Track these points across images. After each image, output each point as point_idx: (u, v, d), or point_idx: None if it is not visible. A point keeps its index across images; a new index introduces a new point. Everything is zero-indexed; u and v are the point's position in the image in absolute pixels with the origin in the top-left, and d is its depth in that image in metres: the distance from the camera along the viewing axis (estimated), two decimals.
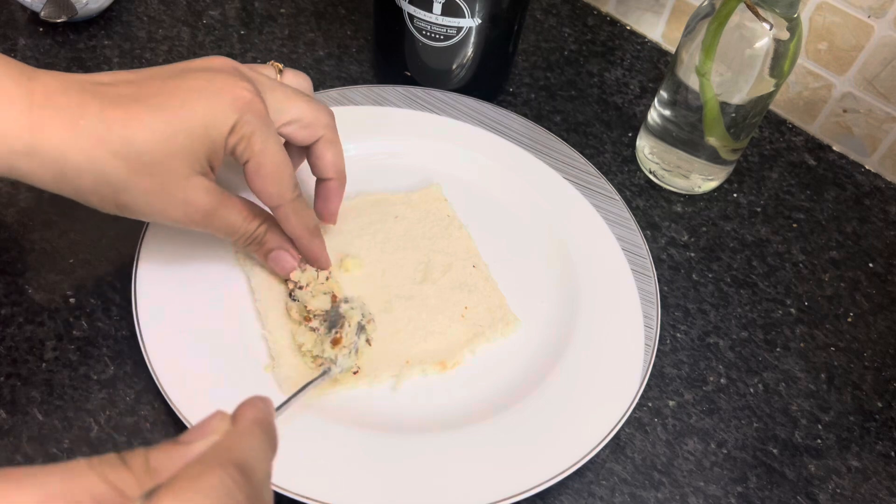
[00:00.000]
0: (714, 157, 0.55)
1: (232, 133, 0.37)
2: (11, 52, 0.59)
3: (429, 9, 0.52)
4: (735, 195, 0.59)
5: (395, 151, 0.54)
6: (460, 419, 0.43)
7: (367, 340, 0.44)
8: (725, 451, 0.46)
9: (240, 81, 0.38)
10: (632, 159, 0.60)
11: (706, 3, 0.50)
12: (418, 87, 0.58)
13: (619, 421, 0.43)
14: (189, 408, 0.40)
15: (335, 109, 0.55)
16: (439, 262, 0.49)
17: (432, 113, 0.56)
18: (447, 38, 0.54)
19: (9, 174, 0.35)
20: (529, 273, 0.50)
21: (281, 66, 0.44)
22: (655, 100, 0.56)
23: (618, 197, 0.53)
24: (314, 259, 0.45)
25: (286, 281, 0.45)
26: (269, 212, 0.43)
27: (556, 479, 0.40)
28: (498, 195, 0.54)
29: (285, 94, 0.41)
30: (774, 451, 0.46)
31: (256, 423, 0.27)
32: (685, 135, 0.55)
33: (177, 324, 0.43)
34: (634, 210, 0.56)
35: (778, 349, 0.51)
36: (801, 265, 0.56)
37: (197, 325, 0.43)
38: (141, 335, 0.42)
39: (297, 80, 0.45)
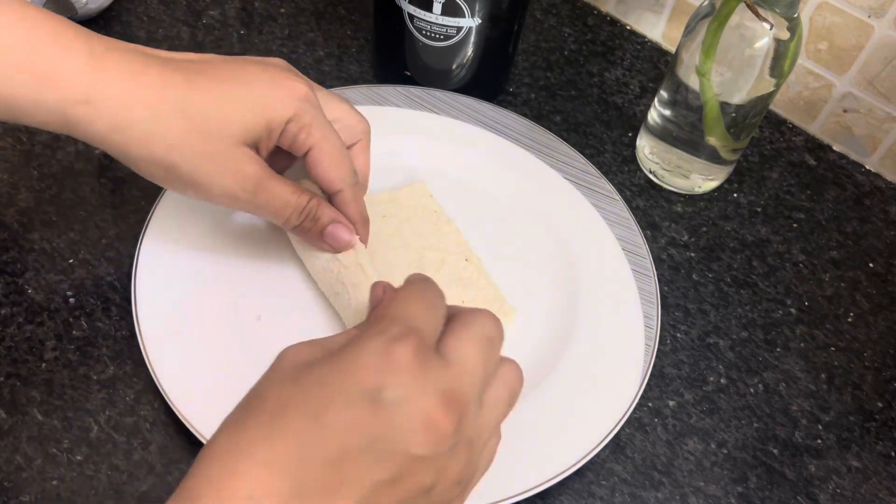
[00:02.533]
0: (714, 157, 0.55)
1: (291, 122, 0.38)
2: None
3: (429, 8, 0.52)
4: (735, 195, 0.59)
5: (391, 151, 0.54)
6: None
7: None
8: (725, 452, 0.46)
9: (295, 76, 0.39)
10: (632, 159, 0.60)
11: (706, 2, 0.50)
12: (418, 86, 0.58)
13: (619, 421, 0.43)
14: (188, 407, 0.40)
15: None
16: (432, 258, 0.48)
17: (432, 112, 0.56)
18: (447, 37, 0.54)
19: (62, 126, 0.35)
20: (529, 273, 0.50)
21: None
22: (655, 100, 0.56)
23: (618, 197, 0.53)
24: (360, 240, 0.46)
25: None
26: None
27: (556, 480, 0.40)
28: (497, 195, 0.54)
29: (331, 96, 0.43)
30: (775, 451, 0.46)
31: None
32: (685, 135, 0.55)
33: (176, 324, 0.43)
34: (634, 210, 0.56)
35: (778, 349, 0.51)
36: (801, 265, 0.56)
37: (197, 324, 0.43)
38: (140, 335, 0.42)
39: (357, 125, 0.46)
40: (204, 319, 0.44)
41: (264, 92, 0.38)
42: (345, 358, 0.29)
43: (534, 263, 0.51)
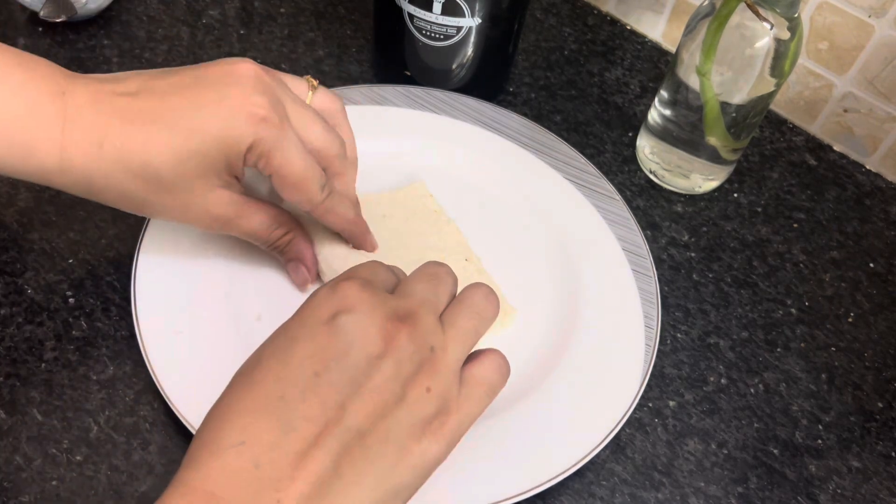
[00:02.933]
0: (714, 157, 0.55)
1: (250, 151, 0.38)
2: None
3: (429, 8, 0.52)
4: (735, 195, 0.59)
5: (391, 151, 0.54)
6: None
7: None
8: (726, 452, 0.46)
9: (253, 95, 0.38)
10: (632, 159, 0.60)
11: (706, 2, 0.50)
12: (418, 86, 0.57)
13: (619, 422, 0.43)
14: (188, 407, 0.40)
15: None
16: (432, 258, 0.48)
17: (432, 112, 0.56)
18: (447, 37, 0.54)
19: (47, 185, 0.38)
20: (529, 274, 0.50)
21: (316, 83, 0.44)
22: (656, 99, 0.56)
23: (618, 197, 0.53)
24: (360, 245, 0.47)
25: None
26: (299, 218, 0.45)
27: (556, 480, 0.40)
28: (497, 195, 0.54)
29: (304, 114, 0.41)
30: (775, 451, 0.46)
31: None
32: (685, 135, 0.55)
33: (176, 324, 0.43)
34: (635, 210, 0.56)
35: (778, 349, 0.51)
36: (801, 265, 0.56)
37: (197, 325, 0.43)
38: (140, 336, 0.42)
39: (328, 101, 0.44)
40: (204, 319, 0.44)
41: (221, 126, 0.37)
42: (300, 308, 0.32)
43: (534, 263, 0.51)
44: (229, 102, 0.38)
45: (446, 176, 0.54)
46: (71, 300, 0.46)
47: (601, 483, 0.44)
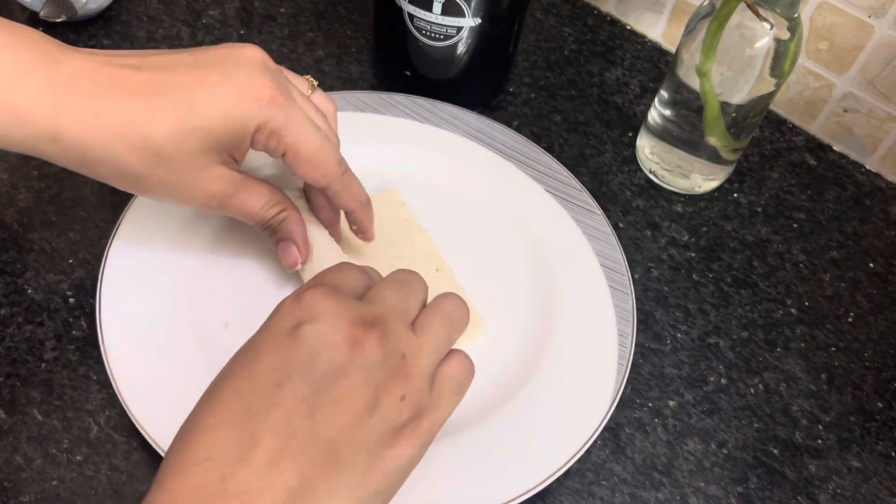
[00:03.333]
0: (714, 157, 0.55)
1: (258, 132, 0.38)
2: None
3: (429, 8, 0.52)
4: (735, 195, 0.59)
5: (372, 158, 0.53)
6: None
7: None
8: (726, 452, 0.46)
9: (260, 78, 0.38)
10: (632, 159, 0.60)
11: (706, 2, 0.50)
12: (401, 94, 0.57)
13: (587, 442, 0.42)
14: (150, 420, 0.39)
15: None
16: (403, 267, 0.47)
17: (414, 120, 0.56)
18: (447, 37, 0.54)
19: (36, 154, 0.36)
20: (506, 284, 0.49)
21: (316, 83, 0.44)
22: (656, 99, 0.56)
23: (599, 211, 0.52)
24: (362, 230, 0.46)
25: None
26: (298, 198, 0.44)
27: (520, 500, 0.39)
28: (477, 205, 0.53)
29: (306, 106, 0.41)
30: (775, 451, 0.46)
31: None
32: (685, 135, 0.55)
33: (141, 330, 0.42)
34: (634, 210, 0.56)
35: (778, 349, 0.51)
36: (801, 265, 0.56)
37: (162, 332, 0.43)
38: (103, 341, 0.41)
39: (324, 102, 0.44)
40: (170, 327, 0.43)
41: (227, 106, 0.37)
42: (265, 322, 0.32)
43: (511, 274, 0.50)
44: (236, 82, 0.37)
45: (426, 185, 0.53)
46: (71, 300, 0.46)
47: (601, 483, 0.44)
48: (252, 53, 0.39)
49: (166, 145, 0.36)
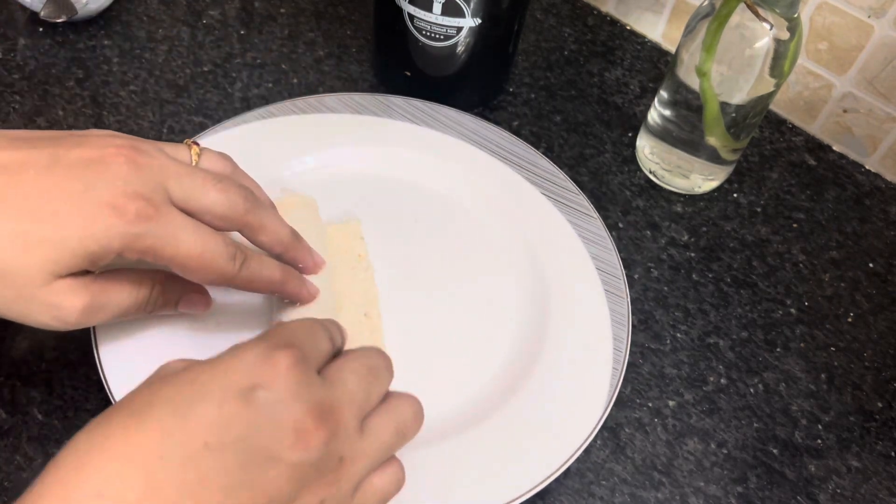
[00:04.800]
0: (714, 157, 0.55)
1: (128, 251, 0.34)
2: (11, 52, 0.59)
3: (429, 9, 0.52)
4: (735, 195, 0.59)
5: (365, 160, 0.53)
6: (427, 437, 0.39)
7: None
8: (726, 452, 0.46)
9: (125, 186, 0.33)
10: (632, 159, 0.60)
11: (706, 3, 0.50)
12: (397, 95, 0.57)
13: (581, 446, 0.42)
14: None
15: (309, 117, 0.54)
16: (332, 303, 0.45)
17: (411, 123, 0.56)
18: (447, 37, 0.54)
19: None
20: (499, 287, 0.49)
21: (199, 147, 0.39)
22: (655, 100, 0.56)
23: (595, 214, 0.52)
24: (296, 299, 0.42)
25: None
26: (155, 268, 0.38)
27: (525, 496, 0.39)
28: (471, 208, 0.53)
29: (193, 182, 0.36)
30: (775, 451, 0.46)
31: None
32: (685, 135, 0.55)
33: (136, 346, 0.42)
34: (634, 210, 0.56)
35: (778, 349, 0.51)
36: (801, 265, 0.56)
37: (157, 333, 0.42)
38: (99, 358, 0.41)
39: (216, 164, 0.40)
40: (166, 328, 0.42)
41: (84, 223, 0.32)
42: (223, 359, 0.29)
43: (505, 277, 0.50)
44: (96, 196, 0.33)
45: (420, 187, 0.53)
46: None
47: (601, 483, 0.44)
48: (116, 153, 0.34)
49: (8, 260, 0.32)
